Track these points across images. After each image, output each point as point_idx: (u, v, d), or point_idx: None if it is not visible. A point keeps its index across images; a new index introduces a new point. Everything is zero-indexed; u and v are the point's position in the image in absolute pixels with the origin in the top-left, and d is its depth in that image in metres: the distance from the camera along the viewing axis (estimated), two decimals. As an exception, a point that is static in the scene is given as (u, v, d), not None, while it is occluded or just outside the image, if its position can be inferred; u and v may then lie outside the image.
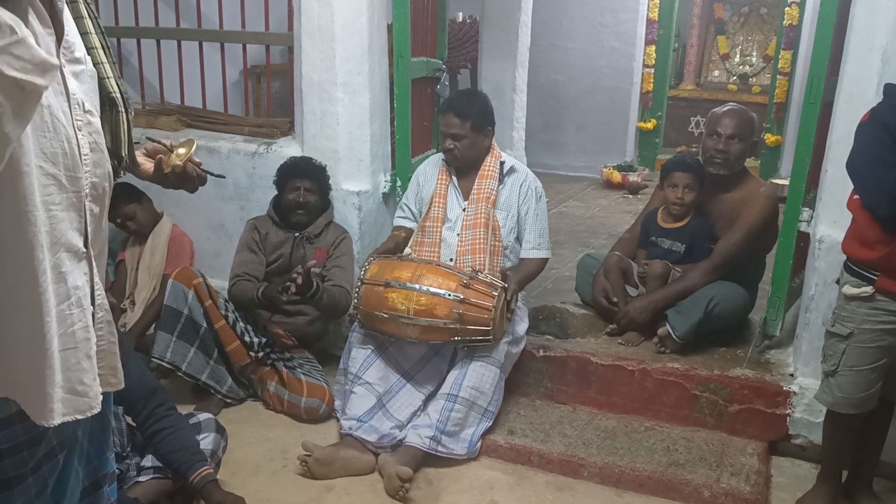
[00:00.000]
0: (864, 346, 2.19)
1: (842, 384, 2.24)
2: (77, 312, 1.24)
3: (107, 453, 1.47)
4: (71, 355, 1.25)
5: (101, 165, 1.29)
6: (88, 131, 1.25)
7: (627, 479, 2.58)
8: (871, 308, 2.16)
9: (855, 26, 2.47)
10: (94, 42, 1.34)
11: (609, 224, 5.09)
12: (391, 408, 2.74)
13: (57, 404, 1.22)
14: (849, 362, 2.22)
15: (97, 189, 1.28)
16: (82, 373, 1.27)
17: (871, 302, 2.15)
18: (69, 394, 1.25)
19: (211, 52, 3.82)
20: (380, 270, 2.74)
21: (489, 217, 2.90)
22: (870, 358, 2.20)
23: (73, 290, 1.23)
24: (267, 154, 3.47)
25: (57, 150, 1.16)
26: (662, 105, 7.02)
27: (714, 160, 2.94)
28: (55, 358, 1.21)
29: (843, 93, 2.53)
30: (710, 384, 2.79)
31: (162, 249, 3.40)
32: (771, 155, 6.51)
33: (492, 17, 5.56)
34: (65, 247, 1.21)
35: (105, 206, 1.33)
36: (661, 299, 2.97)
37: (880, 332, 2.17)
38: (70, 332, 1.24)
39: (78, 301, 1.25)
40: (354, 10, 3.15)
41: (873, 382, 2.22)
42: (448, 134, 2.92)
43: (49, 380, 1.20)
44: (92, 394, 1.29)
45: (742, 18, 7.77)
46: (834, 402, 2.27)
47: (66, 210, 1.20)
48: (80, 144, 1.22)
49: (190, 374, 2.89)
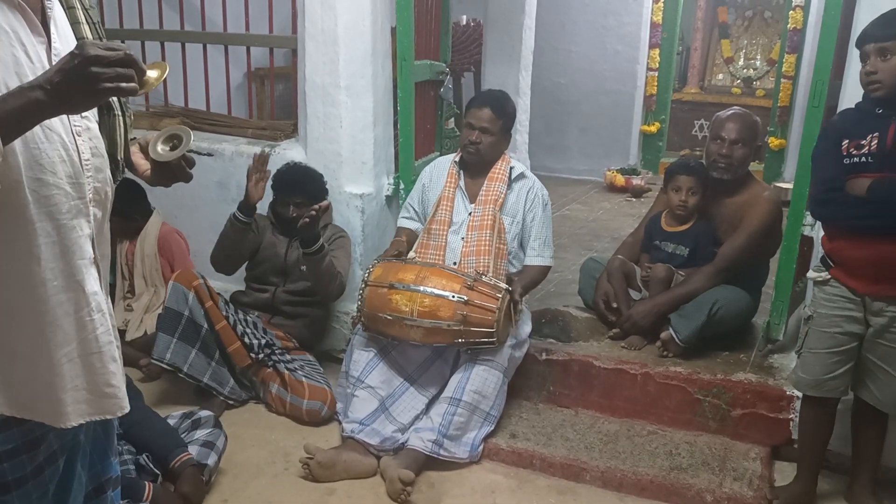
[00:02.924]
0: (822, 329, 2.31)
1: (804, 365, 2.38)
2: (98, 317, 1.27)
3: (111, 458, 1.46)
4: (96, 359, 1.27)
5: (102, 170, 1.30)
6: (88, 136, 1.26)
7: (629, 483, 2.57)
8: (828, 293, 2.30)
9: (859, 30, 2.44)
10: (86, 33, 1.33)
11: (612, 227, 5.09)
12: (394, 411, 2.74)
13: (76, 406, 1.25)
14: (809, 344, 2.36)
15: (100, 194, 1.28)
16: (109, 375, 1.30)
17: (828, 287, 2.30)
18: (96, 396, 1.28)
19: (215, 54, 3.83)
20: (384, 273, 2.74)
21: (496, 219, 2.90)
22: (828, 342, 2.30)
23: (92, 297, 1.26)
24: (270, 156, 3.47)
25: (54, 158, 1.17)
26: (666, 108, 7.01)
27: (718, 165, 2.94)
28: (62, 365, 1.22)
29: (847, 97, 2.53)
30: (713, 388, 2.78)
31: (151, 253, 3.38)
32: (775, 159, 6.50)
33: (495, 21, 5.57)
34: (78, 254, 1.23)
35: (107, 210, 1.33)
36: (665, 303, 2.96)
37: (837, 317, 2.28)
38: (93, 338, 1.26)
39: (98, 306, 1.27)
40: (358, 14, 3.16)
41: (833, 367, 2.30)
42: (478, 127, 2.91)
43: (59, 386, 1.22)
44: (121, 395, 1.33)
45: (746, 22, 7.77)
46: (796, 382, 2.43)
47: (75, 217, 1.22)
48: (80, 150, 1.22)
49: (191, 375, 2.89)
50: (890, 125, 2.10)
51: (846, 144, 2.16)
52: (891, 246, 2.13)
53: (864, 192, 2.12)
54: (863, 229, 2.15)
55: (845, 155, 2.16)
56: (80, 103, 1.12)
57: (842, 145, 2.17)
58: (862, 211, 2.13)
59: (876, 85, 2.10)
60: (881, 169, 2.10)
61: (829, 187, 2.21)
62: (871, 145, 2.12)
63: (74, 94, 1.07)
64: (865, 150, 2.12)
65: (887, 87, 2.09)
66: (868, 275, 2.20)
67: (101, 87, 1.07)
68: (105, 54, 1.06)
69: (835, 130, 2.23)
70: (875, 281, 2.20)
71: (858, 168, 2.14)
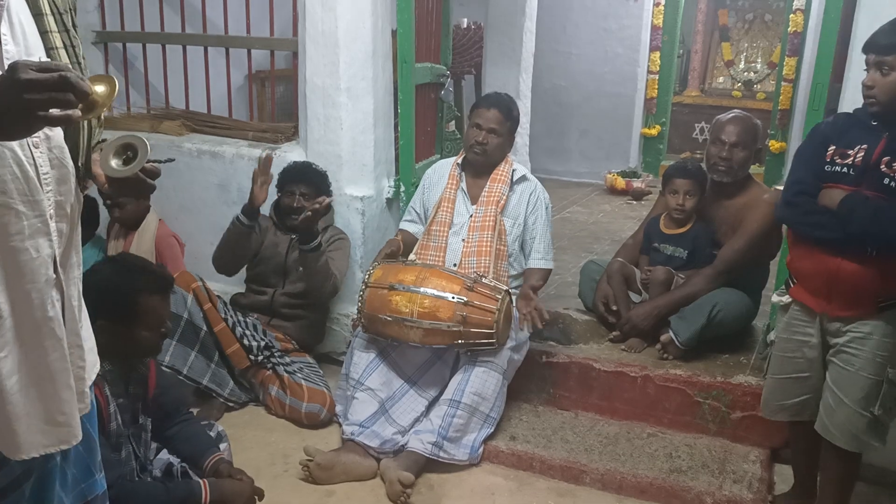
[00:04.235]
0: (784, 354, 2.28)
1: (767, 388, 2.37)
2: (51, 343, 1.18)
3: (95, 475, 1.40)
4: (48, 386, 1.19)
5: (66, 181, 1.19)
6: (48, 147, 1.15)
7: (629, 485, 2.57)
8: (788, 318, 2.26)
9: (858, 33, 2.47)
10: (56, 42, 1.22)
11: (612, 230, 5.08)
12: (394, 413, 2.74)
13: (31, 437, 1.17)
14: (772, 369, 2.35)
15: (63, 207, 1.19)
16: (62, 403, 1.21)
17: (788, 312, 2.25)
18: (49, 425, 1.20)
19: (216, 56, 3.84)
20: (384, 274, 2.75)
21: (497, 220, 2.90)
22: (788, 367, 2.27)
23: (46, 322, 1.17)
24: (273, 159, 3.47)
25: (5, 176, 1.07)
26: (666, 111, 7.01)
27: (718, 167, 2.94)
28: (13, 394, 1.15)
29: (847, 100, 2.53)
30: (713, 391, 2.78)
31: (148, 251, 3.36)
32: (775, 161, 6.50)
33: (496, 23, 5.58)
34: (29, 278, 1.13)
35: (76, 222, 1.25)
36: (664, 305, 2.96)
37: (796, 342, 2.23)
38: (44, 364, 1.18)
39: (51, 332, 1.18)
40: (358, 16, 3.16)
41: (796, 392, 2.26)
42: (485, 127, 2.92)
43: (12, 414, 1.15)
44: (73, 423, 1.24)
45: (746, 25, 7.78)
46: (763, 405, 2.41)
47: (29, 239, 1.12)
48: (37, 164, 1.12)
49: (191, 377, 2.89)
50: (880, 140, 2.01)
51: (832, 150, 2.09)
52: (844, 262, 2.04)
53: (835, 205, 2.03)
54: (820, 241, 2.07)
55: (828, 161, 2.09)
56: (12, 133, 1.00)
57: (827, 150, 2.10)
58: (825, 221, 2.05)
59: (871, 100, 2.02)
60: (857, 183, 2.02)
61: (799, 190, 2.14)
62: (856, 157, 2.03)
63: (3, 124, 0.96)
64: (849, 161, 2.04)
65: (882, 104, 2.00)
66: (821, 290, 2.11)
67: (35, 116, 0.95)
68: (38, 77, 0.94)
69: (822, 134, 2.15)
70: (827, 298, 2.11)
71: (836, 178, 2.06)
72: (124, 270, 2.07)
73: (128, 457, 2.08)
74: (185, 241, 3.49)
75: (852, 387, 2.10)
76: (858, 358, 2.08)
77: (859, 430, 2.11)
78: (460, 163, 3.05)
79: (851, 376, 2.10)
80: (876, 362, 2.07)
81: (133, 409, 2.12)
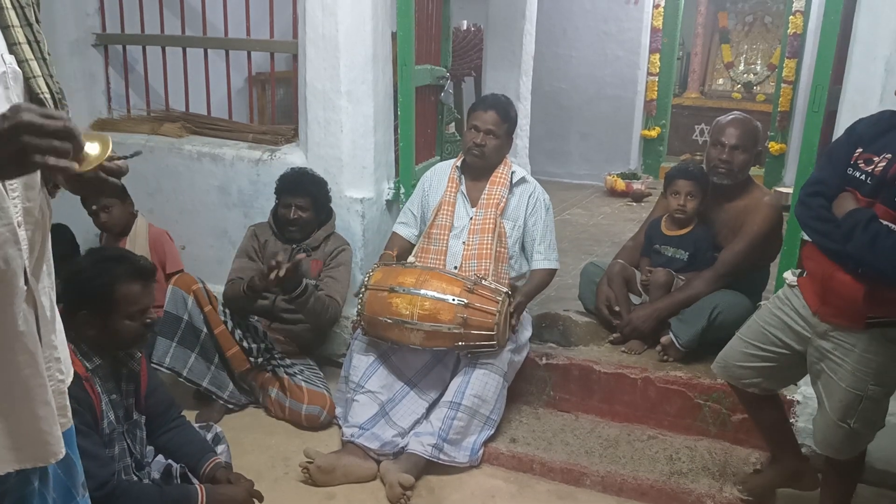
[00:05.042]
0: (762, 323, 2.26)
1: (729, 345, 2.36)
2: (24, 359, 1.14)
3: (77, 497, 1.36)
4: (22, 403, 1.15)
5: (33, 187, 1.14)
6: None
7: (629, 487, 2.57)
8: (785, 295, 2.23)
9: (858, 36, 2.48)
10: (18, 37, 1.17)
11: (613, 232, 5.09)
12: (394, 415, 2.74)
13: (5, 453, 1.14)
14: (744, 331, 2.34)
15: (32, 214, 1.14)
16: (39, 420, 1.17)
17: (791, 293, 2.21)
18: (27, 442, 1.16)
19: (216, 59, 3.84)
20: (384, 276, 2.75)
21: (497, 223, 2.90)
22: (757, 334, 2.26)
23: (17, 336, 1.12)
24: (271, 161, 3.48)
25: None
26: (666, 113, 7.03)
27: (718, 170, 2.94)
28: None
29: (847, 102, 2.53)
30: (713, 393, 2.78)
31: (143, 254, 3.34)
32: (775, 163, 6.51)
33: (496, 26, 5.58)
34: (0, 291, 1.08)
35: (47, 229, 1.20)
36: (665, 308, 2.96)
37: (780, 321, 2.20)
38: (18, 380, 1.14)
39: (23, 347, 1.14)
40: (358, 19, 3.17)
41: (747, 357, 2.27)
42: (483, 129, 2.91)
43: None
44: (53, 440, 1.19)
45: (746, 27, 7.79)
46: (716, 359, 2.40)
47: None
48: None
49: (191, 379, 2.90)
50: None
51: (859, 153, 1.97)
52: (839, 272, 1.98)
53: (840, 216, 1.95)
54: (820, 245, 2.03)
55: (852, 164, 1.97)
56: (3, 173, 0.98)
57: (855, 152, 1.98)
58: (829, 230, 1.97)
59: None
60: (873, 194, 1.90)
61: (814, 191, 2.05)
62: (878, 165, 1.90)
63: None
64: (871, 169, 1.91)
65: None
66: (817, 290, 2.08)
67: (31, 160, 0.92)
68: (42, 123, 0.91)
69: (857, 133, 2.01)
70: (822, 300, 2.07)
71: (855, 184, 1.95)
72: (101, 260, 2.08)
73: (122, 453, 2.08)
74: (185, 243, 3.49)
75: (832, 396, 2.09)
76: (842, 368, 2.05)
77: (835, 439, 2.11)
78: (459, 165, 3.05)
79: (834, 385, 2.08)
80: (856, 376, 2.03)
81: (126, 406, 2.12)
